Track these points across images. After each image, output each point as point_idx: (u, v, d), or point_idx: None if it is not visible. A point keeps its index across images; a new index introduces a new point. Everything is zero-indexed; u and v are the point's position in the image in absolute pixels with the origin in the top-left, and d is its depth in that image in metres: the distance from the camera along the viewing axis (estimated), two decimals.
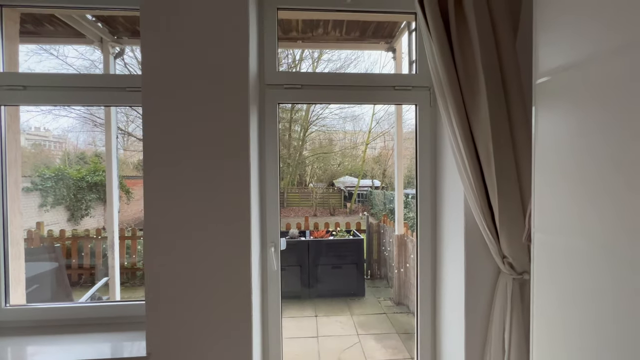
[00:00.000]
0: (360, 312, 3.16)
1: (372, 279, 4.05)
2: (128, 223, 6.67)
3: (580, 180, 0.88)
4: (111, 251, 3.10)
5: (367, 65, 10.50)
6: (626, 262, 0.75)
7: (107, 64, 2.83)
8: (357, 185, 12.40)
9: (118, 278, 3.10)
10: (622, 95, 0.76)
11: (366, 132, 12.22)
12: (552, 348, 1.02)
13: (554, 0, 0.97)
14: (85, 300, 2.84)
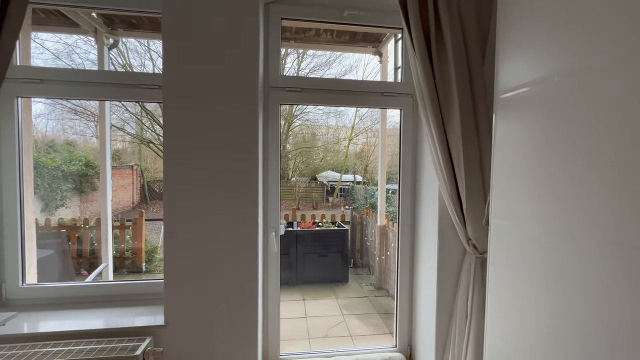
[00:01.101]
0: (344, 296, 3.43)
1: (355, 267, 4.34)
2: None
3: (529, 176, 1.16)
4: (105, 240, 3.19)
5: (352, 62, 10.66)
6: (567, 241, 1.03)
7: (102, 55, 2.87)
8: (339, 180, 12.67)
9: (111, 265, 3.19)
10: (562, 108, 1.03)
11: (349, 127, 12.48)
12: (504, 313, 1.31)
13: (512, 36, 1.23)
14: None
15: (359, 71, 10.49)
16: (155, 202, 9.59)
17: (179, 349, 1.51)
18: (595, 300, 0.91)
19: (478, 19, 1.51)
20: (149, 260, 4.34)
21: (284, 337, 1.94)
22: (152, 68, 5.61)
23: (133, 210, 8.67)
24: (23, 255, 1.68)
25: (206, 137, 1.49)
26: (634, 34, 0.80)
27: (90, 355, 1.28)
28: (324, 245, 3.77)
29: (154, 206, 9.39)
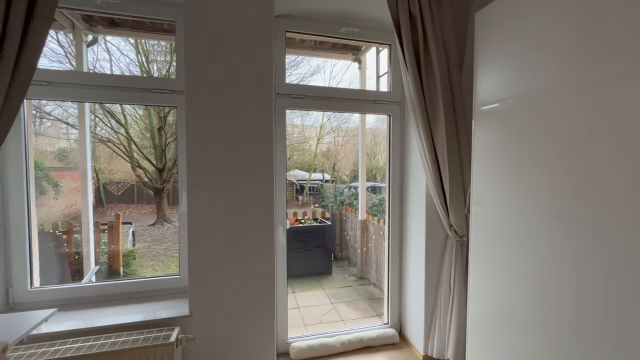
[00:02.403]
0: (330, 287, 3.67)
1: (336, 260, 4.59)
2: (60, 218, 5.97)
3: (503, 170, 1.47)
4: (86, 244, 3.09)
5: (319, 62, 10.82)
6: (533, 219, 1.34)
7: (80, 52, 2.77)
8: (308, 178, 12.89)
9: (93, 267, 3.12)
10: (524, 119, 1.35)
11: (316, 126, 12.71)
12: (481, 288, 1.62)
13: (485, 67, 1.54)
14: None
15: (327, 72, 10.74)
16: (113, 204, 8.99)
17: (204, 336, 1.63)
18: (558, 264, 1.23)
19: (457, 41, 1.82)
20: (126, 264, 4.19)
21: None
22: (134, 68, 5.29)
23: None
24: (31, 258, 1.67)
25: (224, 136, 1.62)
26: (579, 67, 1.13)
27: (129, 345, 1.36)
28: (309, 240, 3.97)
29: (111, 209, 8.81)
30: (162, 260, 5.86)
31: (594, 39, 1.09)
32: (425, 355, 2.02)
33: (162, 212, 7.21)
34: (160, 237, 6.95)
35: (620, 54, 1.02)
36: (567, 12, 1.17)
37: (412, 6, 1.75)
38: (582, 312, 1.15)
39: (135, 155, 6.99)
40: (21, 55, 1.26)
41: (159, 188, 6.96)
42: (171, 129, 6.25)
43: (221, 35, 1.58)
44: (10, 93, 1.26)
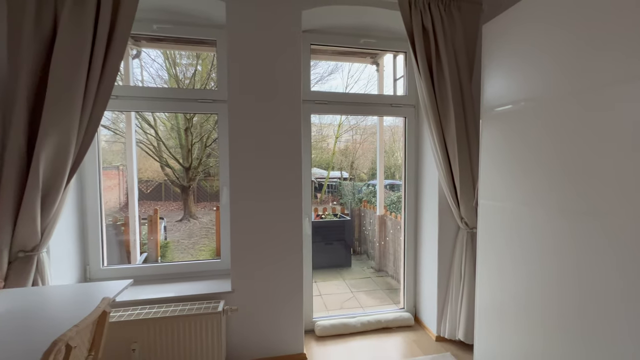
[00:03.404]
0: (350, 278, 3.90)
1: (355, 254, 4.81)
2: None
3: (507, 167, 1.65)
4: (133, 234, 3.49)
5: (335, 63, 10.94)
6: (536, 211, 1.53)
7: (127, 65, 3.14)
8: (327, 176, 13.12)
9: (142, 254, 3.51)
10: (527, 121, 1.53)
11: (334, 124, 12.87)
12: (489, 274, 1.80)
13: (492, 74, 1.72)
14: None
15: (344, 71, 10.86)
16: (143, 202, 9.58)
17: (243, 308, 1.91)
18: (559, 254, 1.41)
19: (466, 51, 2.00)
20: (163, 255, 4.61)
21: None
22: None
23: (120, 211, 8.71)
24: (103, 241, 2.01)
25: (262, 141, 1.89)
26: (568, 79, 1.30)
27: (187, 312, 1.67)
28: (329, 234, 4.22)
29: (141, 206, 9.40)
30: (191, 253, 6.30)
31: (590, 49, 1.26)
32: (438, 335, 2.22)
33: (189, 208, 7.69)
34: (188, 231, 7.42)
35: (612, 62, 1.19)
36: (566, 24, 1.34)
37: (425, 19, 1.95)
38: (578, 299, 1.32)
39: (164, 155, 7.50)
40: (103, 74, 1.58)
41: (186, 186, 7.42)
42: (196, 130, 6.67)
43: (257, 51, 1.85)
44: (96, 102, 1.57)
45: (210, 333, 1.71)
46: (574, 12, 1.29)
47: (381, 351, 2.10)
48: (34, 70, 1.49)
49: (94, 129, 1.60)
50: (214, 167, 7.75)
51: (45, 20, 1.50)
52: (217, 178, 8.48)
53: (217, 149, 8.05)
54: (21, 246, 1.51)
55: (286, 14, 1.86)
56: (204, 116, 6.45)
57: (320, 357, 2.03)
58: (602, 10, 1.19)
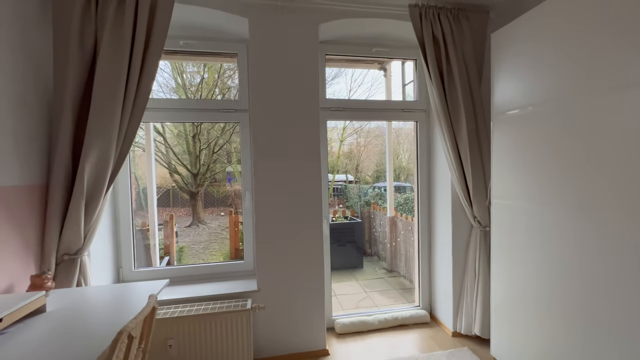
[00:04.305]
0: (362, 278, 3.98)
1: (366, 256, 4.89)
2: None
3: (517, 167, 1.74)
4: (153, 238, 3.61)
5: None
6: (544, 209, 1.61)
7: None
8: (332, 180, 13.19)
9: (158, 258, 3.63)
10: (534, 124, 1.62)
11: (337, 127, 12.95)
12: (502, 271, 1.89)
13: (500, 79, 1.82)
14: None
15: (348, 75, 10.95)
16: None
17: (269, 307, 2.01)
18: (566, 249, 1.49)
19: (475, 58, 2.10)
20: (178, 260, 4.73)
21: None
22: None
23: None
24: (134, 245, 2.13)
25: (283, 147, 2.00)
26: (571, 85, 1.40)
27: (217, 310, 1.77)
28: (341, 236, 4.31)
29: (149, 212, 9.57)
30: (202, 258, 6.42)
31: (593, 56, 1.35)
32: (454, 331, 2.29)
33: (197, 214, 7.82)
34: (197, 237, 7.55)
35: (614, 69, 1.28)
36: (570, 34, 1.44)
37: (435, 29, 2.05)
38: (587, 291, 1.40)
39: (172, 162, 7.66)
40: (140, 86, 1.70)
41: (194, 192, 7.56)
42: (203, 136, 6.81)
43: (278, 63, 1.97)
44: (133, 112, 1.69)
45: (240, 329, 1.81)
46: (578, 23, 1.39)
47: (399, 347, 2.18)
48: (78, 85, 1.62)
49: (131, 138, 1.72)
50: (220, 172, 7.87)
51: (87, 38, 1.63)
52: (223, 184, 8.59)
53: (223, 155, 8.16)
54: (66, 249, 1.63)
55: (305, 28, 1.98)
56: (211, 123, 6.58)
57: (341, 353, 2.12)
58: (604, 22, 1.28)
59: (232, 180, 7.65)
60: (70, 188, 1.61)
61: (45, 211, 1.58)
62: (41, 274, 1.43)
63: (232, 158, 7.48)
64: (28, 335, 1.10)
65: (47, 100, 1.63)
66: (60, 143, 1.57)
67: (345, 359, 2.04)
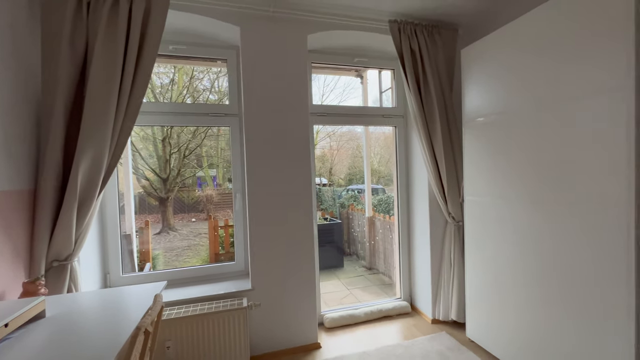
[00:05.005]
0: (344, 277, 4.12)
1: (345, 255, 5.05)
2: None
3: (485, 167, 1.98)
4: (130, 246, 3.49)
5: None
6: (510, 205, 1.85)
7: None
8: None
9: (136, 266, 3.51)
10: (499, 130, 1.86)
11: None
12: (475, 260, 2.12)
13: (470, 91, 2.06)
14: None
15: (320, 79, 11.19)
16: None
17: (263, 304, 2.07)
18: (531, 238, 1.73)
19: (447, 70, 2.34)
20: (154, 267, 4.56)
21: None
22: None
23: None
24: (123, 251, 2.09)
25: (275, 150, 2.09)
26: (531, 95, 1.65)
27: (216, 309, 1.80)
28: (323, 237, 4.43)
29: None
30: (176, 266, 6.23)
31: (548, 72, 1.61)
32: (434, 318, 2.50)
33: (167, 220, 7.55)
34: (169, 244, 7.28)
35: (568, 82, 1.53)
36: (528, 51, 1.69)
37: (412, 43, 2.27)
38: (549, 275, 1.65)
39: (139, 167, 7.34)
40: (133, 90, 1.71)
41: (164, 198, 7.30)
42: (173, 139, 6.63)
43: (268, 70, 2.06)
44: (127, 115, 1.70)
45: (237, 328, 1.86)
46: (534, 42, 1.64)
47: (385, 336, 2.33)
48: (69, 88, 1.60)
49: (124, 140, 1.72)
50: (190, 178, 7.67)
51: (79, 41, 1.62)
52: (193, 189, 8.37)
53: (192, 160, 7.95)
54: (56, 255, 1.59)
55: (295, 38, 2.10)
56: (182, 126, 6.43)
57: (332, 345, 2.23)
58: (557, 41, 1.54)
59: (203, 185, 7.48)
60: (61, 192, 1.58)
61: (34, 216, 1.54)
62: (34, 280, 1.40)
63: (204, 162, 7.33)
64: (33, 340, 1.10)
65: (35, 103, 1.58)
66: (51, 146, 1.54)
67: (336, 350, 2.16)
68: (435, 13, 2.26)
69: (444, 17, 2.32)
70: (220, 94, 4.89)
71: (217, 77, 4.86)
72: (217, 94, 4.99)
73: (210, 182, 8.18)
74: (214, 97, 5.07)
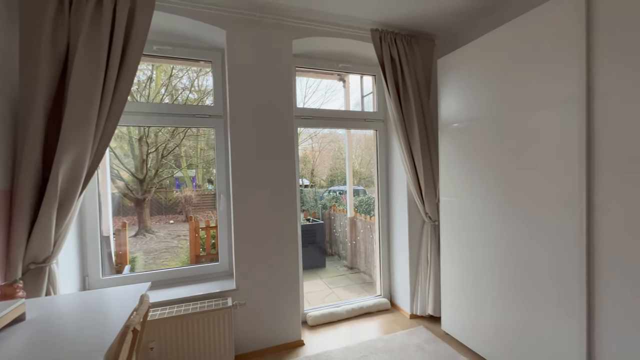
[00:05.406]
0: (326, 277, 4.20)
1: (327, 255, 5.13)
2: None
3: (458, 170, 2.12)
4: (108, 248, 3.39)
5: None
6: (482, 205, 1.99)
7: None
8: None
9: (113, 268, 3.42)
10: (472, 135, 2.00)
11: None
12: (449, 258, 2.25)
13: (445, 99, 2.20)
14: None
15: (302, 81, 11.31)
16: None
17: (248, 304, 2.10)
18: (498, 237, 1.88)
19: (425, 77, 2.47)
20: (132, 270, 4.43)
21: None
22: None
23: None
24: (102, 253, 2.05)
25: (260, 152, 2.13)
26: (497, 105, 1.79)
27: (201, 309, 1.81)
28: (305, 238, 4.48)
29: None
30: (153, 269, 6.05)
31: (513, 83, 1.76)
32: (412, 314, 2.62)
33: (144, 222, 7.33)
34: (145, 246, 7.07)
35: (530, 94, 1.68)
36: (497, 64, 1.84)
37: (392, 51, 2.38)
38: (515, 270, 1.79)
39: (114, 166, 7.06)
40: (116, 90, 1.69)
41: (140, 199, 7.09)
42: (150, 139, 6.46)
43: (254, 74, 2.10)
44: (109, 116, 1.68)
45: (221, 327, 1.88)
46: (499, 57, 1.79)
47: (366, 332, 2.42)
48: (49, 86, 1.57)
49: (106, 141, 1.70)
50: (168, 178, 7.49)
51: (60, 39, 1.59)
52: (170, 190, 8.18)
53: (170, 160, 7.79)
54: (33, 258, 1.55)
55: (280, 43, 2.15)
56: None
57: (315, 341, 2.29)
58: (517, 57, 1.69)
59: (182, 186, 7.32)
60: (40, 192, 1.54)
61: (11, 217, 1.50)
62: (12, 283, 1.37)
63: (182, 163, 7.17)
64: (14, 343, 1.08)
65: (12, 101, 1.54)
66: (30, 145, 1.50)
67: (319, 347, 2.22)
68: (414, 24, 2.39)
69: (422, 28, 2.46)
70: (200, 93, 4.83)
71: (197, 75, 4.81)
72: (197, 92, 4.93)
73: (189, 183, 8.02)
74: (193, 97, 5.00)
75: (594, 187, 1.40)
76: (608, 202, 1.35)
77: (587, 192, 1.41)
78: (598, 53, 1.37)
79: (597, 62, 1.37)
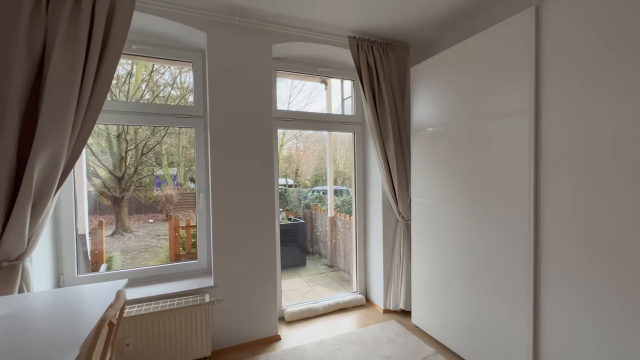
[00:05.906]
0: (306, 275, 4.28)
1: (308, 254, 5.21)
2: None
3: (429, 172, 2.25)
4: (83, 247, 3.34)
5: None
6: (451, 206, 2.13)
7: None
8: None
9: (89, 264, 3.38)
10: (442, 139, 2.14)
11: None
12: (419, 254, 2.39)
13: (417, 106, 2.33)
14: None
15: (287, 82, 11.37)
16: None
17: (225, 300, 2.15)
18: (465, 234, 2.02)
19: (399, 84, 2.60)
20: (109, 269, 4.36)
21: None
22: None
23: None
24: (78, 251, 2.05)
25: (240, 153, 2.18)
26: (466, 110, 1.94)
27: (178, 305, 1.86)
28: (286, 237, 4.55)
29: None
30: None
31: (477, 93, 1.90)
32: (385, 309, 2.75)
33: (122, 221, 7.17)
34: (123, 246, 6.93)
35: (490, 101, 1.83)
36: (462, 73, 1.98)
37: (369, 58, 2.49)
38: (479, 266, 1.94)
39: (90, 164, 6.86)
40: (95, 88, 1.71)
41: (118, 197, 6.93)
42: (130, 136, 6.34)
43: (234, 76, 2.15)
44: (87, 115, 1.70)
45: (199, 323, 1.93)
46: (464, 68, 1.93)
47: (341, 326, 2.53)
48: (24, 84, 1.57)
49: (83, 140, 1.72)
50: (147, 176, 7.36)
51: (37, 37, 1.59)
52: (150, 188, 8.04)
53: (150, 158, 7.67)
54: (6, 255, 1.55)
55: (260, 47, 2.22)
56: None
57: (291, 336, 2.37)
58: (479, 69, 1.84)
59: (162, 184, 7.21)
60: (14, 190, 1.55)
61: None
62: None
63: (164, 161, 7.06)
64: None
65: None
66: (5, 142, 1.50)
67: (295, 341, 2.30)
68: (390, 32, 2.51)
69: (397, 37, 2.58)
70: (182, 90, 4.80)
71: (180, 72, 4.78)
72: (180, 89, 4.89)
73: (170, 182, 7.91)
74: (176, 93, 4.96)
75: (540, 190, 1.55)
76: (552, 203, 1.51)
77: (535, 194, 1.56)
78: (544, 71, 1.52)
79: (544, 78, 1.53)
